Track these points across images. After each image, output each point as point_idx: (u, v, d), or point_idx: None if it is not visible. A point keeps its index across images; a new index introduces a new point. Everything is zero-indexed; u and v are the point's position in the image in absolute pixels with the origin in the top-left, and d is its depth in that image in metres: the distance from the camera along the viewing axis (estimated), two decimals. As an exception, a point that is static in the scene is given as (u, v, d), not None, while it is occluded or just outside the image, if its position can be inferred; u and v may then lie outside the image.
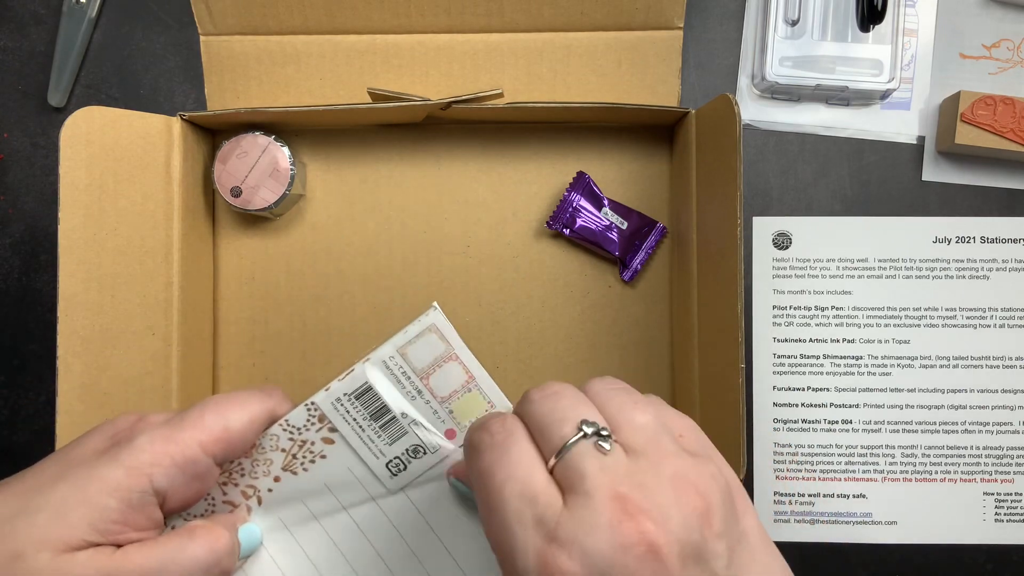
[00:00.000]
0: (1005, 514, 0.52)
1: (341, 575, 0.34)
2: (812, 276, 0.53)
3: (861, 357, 0.52)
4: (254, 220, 0.52)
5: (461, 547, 0.34)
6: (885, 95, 0.52)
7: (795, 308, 0.53)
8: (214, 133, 0.51)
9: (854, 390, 0.52)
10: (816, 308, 0.52)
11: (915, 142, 0.53)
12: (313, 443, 0.33)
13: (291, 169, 0.49)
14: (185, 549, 0.29)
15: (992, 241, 0.52)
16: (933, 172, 0.53)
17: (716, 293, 0.44)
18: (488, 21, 0.50)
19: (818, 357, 0.52)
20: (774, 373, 0.52)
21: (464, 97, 0.46)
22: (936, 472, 0.52)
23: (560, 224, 0.51)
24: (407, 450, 0.34)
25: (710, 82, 0.53)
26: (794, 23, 0.52)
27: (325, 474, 0.34)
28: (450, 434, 0.34)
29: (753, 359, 0.52)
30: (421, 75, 0.51)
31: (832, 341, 0.52)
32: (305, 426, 0.33)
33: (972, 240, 0.52)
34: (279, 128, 0.51)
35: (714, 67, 0.53)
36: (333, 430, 0.33)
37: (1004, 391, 0.52)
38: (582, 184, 0.51)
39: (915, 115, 0.53)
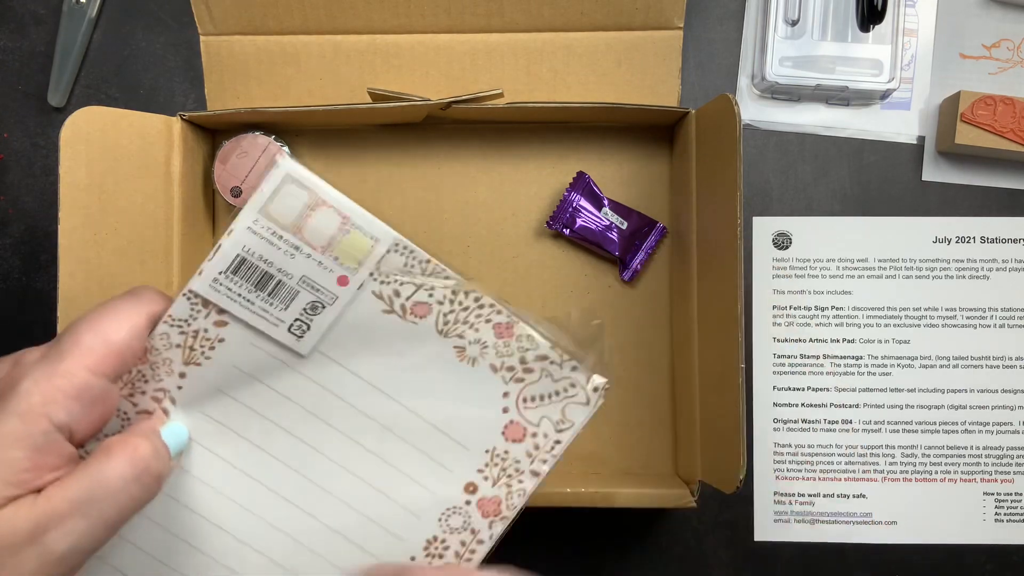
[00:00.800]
0: (1005, 514, 0.52)
1: (286, 447, 0.34)
2: (812, 276, 0.53)
3: (861, 357, 0.52)
4: (254, 220, 0.52)
5: (392, 383, 0.34)
6: (885, 95, 0.52)
7: (795, 308, 0.53)
8: (214, 133, 0.51)
9: (854, 390, 0.52)
10: (816, 308, 0.52)
11: (915, 142, 0.53)
12: (206, 330, 0.32)
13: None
14: (104, 469, 0.28)
15: (992, 241, 0.52)
16: (933, 172, 0.53)
17: (716, 293, 0.44)
18: (488, 21, 0.50)
19: (818, 357, 0.52)
20: (774, 373, 0.52)
21: (464, 97, 0.46)
22: (936, 472, 0.52)
23: (560, 224, 0.51)
24: (304, 309, 0.32)
25: (710, 82, 0.53)
26: (794, 23, 0.52)
27: (231, 357, 0.33)
28: (342, 280, 0.33)
29: (753, 359, 0.52)
30: (421, 75, 0.51)
31: (832, 341, 0.52)
32: (192, 316, 0.32)
33: (972, 240, 0.52)
34: (279, 128, 0.51)
35: (714, 67, 0.53)
36: (221, 311, 0.32)
37: (1004, 391, 0.52)
38: (582, 184, 0.51)
39: (915, 115, 0.53)
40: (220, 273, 0.32)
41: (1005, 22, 0.53)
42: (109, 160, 0.44)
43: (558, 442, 0.34)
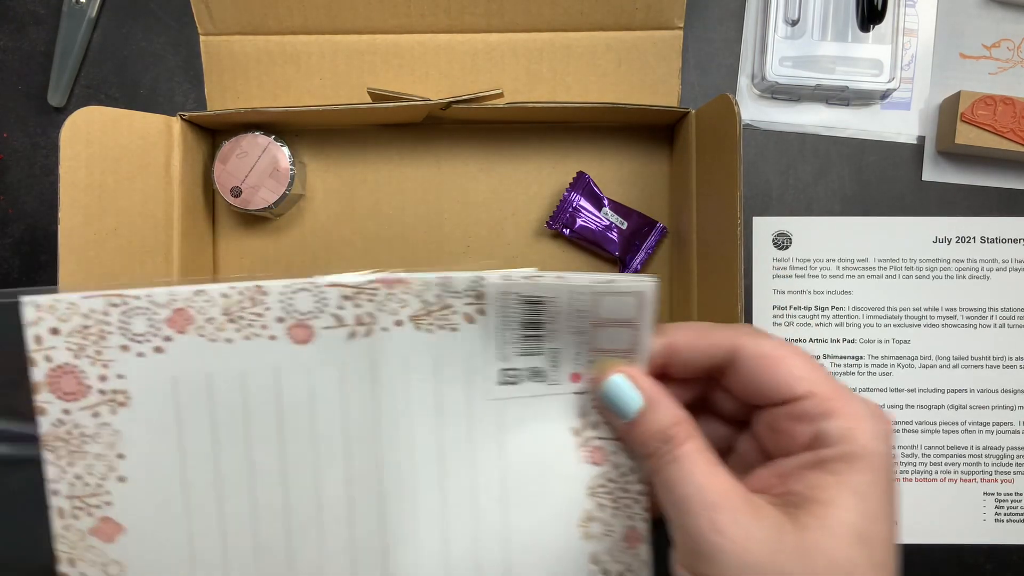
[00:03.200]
0: (1005, 514, 0.52)
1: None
2: (812, 276, 0.53)
3: (861, 357, 0.52)
4: (254, 220, 0.52)
5: (516, 483, 0.32)
6: (885, 95, 0.52)
7: (795, 308, 0.53)
8: (214, 133, 0.51)
9: (854, 390, 0.52)
10: (816, 308, 0.52)
11: (915, 142, 0.53)
12: (455, 311, 0.31)
13: (291, 169, 0.49)
14: None
15: (992, 241, 0.52)
16: (933, 172, 0.53)
17: (716, 293, 0.44)
18: (488, 21, 0.50)
19: (818, 357, 0.52)
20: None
21: (464, 97, 0.46)
22: (936, 472, 0.52)
23: (560, 224, 0.51)
24: (530, 369, 0.32)
25: (710, 82, 0.53)
26: (794, 23, 0.52)
27: (444, 345, 0.31)
28: (575, 377, 0.32)
29: (753, 359, 0.52)
30: (421, 75, 0.51)
31: (832, 341, 0.52)
32: (459, 293, 0.31)
33: (972, 240, 0.52)
34: (279, 128, 0.51)
35: (714, 67, 0.53)
36: (481, 313, 0.31)
37: (1004, 391, 0.52)
38: (582, 184, 0.51)
39: (915, 115, 0.53)
40: (516, 295, 0.31)
41: (1005, 22, 0.53)
42: (109, 160, 0.44)
43: None
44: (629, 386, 0.30)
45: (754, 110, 0.53)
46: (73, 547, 0.30)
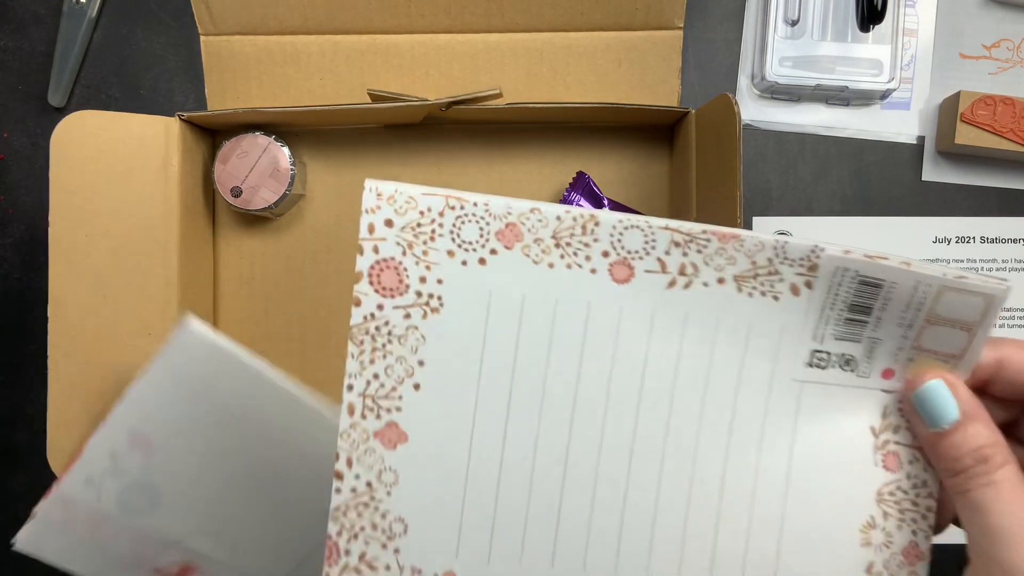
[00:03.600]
0: (1005, 514, 0.52)
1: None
2: (812, 276, 0.53)
3: (861, 357, 0.52)
4: (254, 220, 0.52)
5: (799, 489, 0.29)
6: (885, 95, 0.52)
7: (795, 308, 0.52)
8: (214, 133, 0.51)
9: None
10: (816, 308, 0.52)
11: (915, 142, 0.53)
12: (781, 279, 0.29)
13: (291, 169, 0.49)
14: None
15: (992, 241, 0.52)
16: (933, 172, 0.53)
17: (716, 293, 0.44)
18: (488, 21, 0.50)
19: (818, 357, 0.52)
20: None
21: (464, 97, 0.46)
22: (936, 472, 0.52)
23: (560, 224, 0.51)
24: (842, 355, 0.29)
25: (710, 82, 0.53)
26: (794, 23, 0.52)
27: (762, 313, 0.29)
28: (887, 373, 0.29)
29: (753, 359, 0.52)
30: (421, 75, 0.51)
31: (832, 341, 0.52)
32: (793, 261, 0.29)
33: (972, 240, 0.52)
34: (279, 128, 0.51)
35: (714, 67, 0.53)
36: (809, 286, 0.29)
37: (1004, 391, 0.52)
38: (582, 184, 0.51)
39: (915, 115, 0.53)
40: (854, 272, 0.29)
41: (1005, 22, 0.53)
42: (100, 163, 0.44)
43: None
44: (948, 394, 0.28)
45: (754, 110, 0.53)
46: (354, 447, 0.30)
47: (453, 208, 0.29)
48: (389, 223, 0.29)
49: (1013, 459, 0.27)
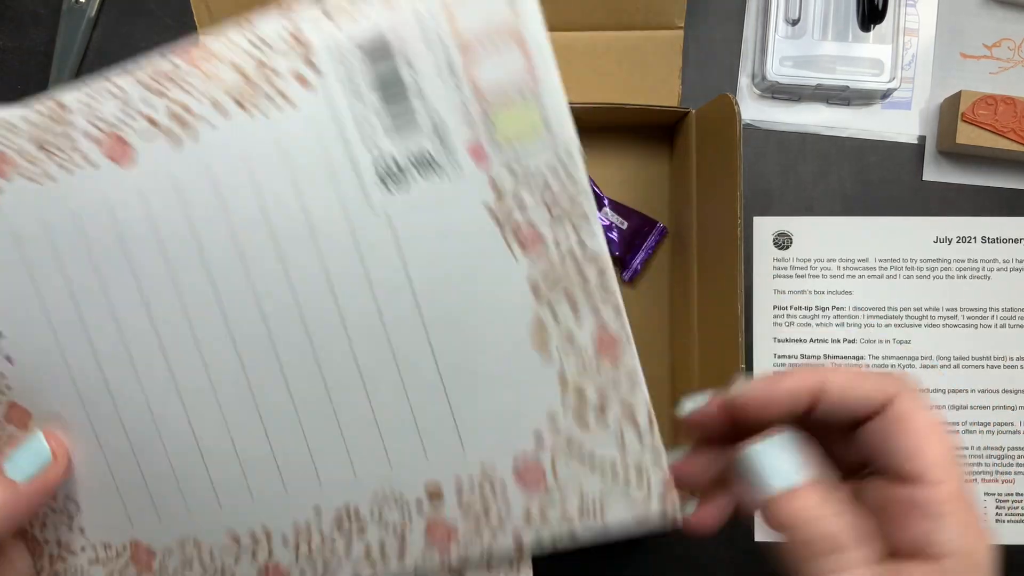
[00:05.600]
0: (1006, 515, 0.52)
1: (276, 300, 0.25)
2: (813, 276, 0.53)
3: (862, 357, 0.52)
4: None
5: (440, 323, 0.24)
6: (886, 95, 0.52)
7: (796, 308, 0.52)
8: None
9: (855, 390, 0.52)
10: (817, 308, 0.52)
11: (916, 142, 0.53)
12: (279, 76, 0.23)
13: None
14: None
15: (993, 241, 0.52)
16: (934, 172, 0.53)
17: (716, 293, 0.44)
18: (488, 21, 0.50)
19: (819, 357, 0.52)
20: (775, 374, 0.52)
21: (463, 97, 0.46)
22: (937, 472, 0.52)
23: (560, 224, 0.51)
24: (412, 156, 0.23)
25: (710, 82, 0.53)
26: (795, 23, 0.52)
27: (283, 129, 0.23)
28: (477, 152, 0.23)
29: (754, 359, 0.52)
30: (421, 75, 0.51)
31: (833, 341, 0.52)
32: (275, 45, 0.23)
33: (973, 240, 0.52)
34: (279, 128, 0.51)
35: (714, 67, 0.53)
36: (316, 69, 0.23)
37: (1005, 391, 0.52)
38: (582, 184, 0.51)
39: (916, 115, 0.53)
40: (351, 42, 0.23)
41: (1006, 22, 0.53)
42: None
43: (571, 531, 0.26)
44: (787, 456, 0.24)
45: (754, 110, 0.53)
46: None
47: None
48: None
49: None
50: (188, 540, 0.28)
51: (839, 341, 0.52)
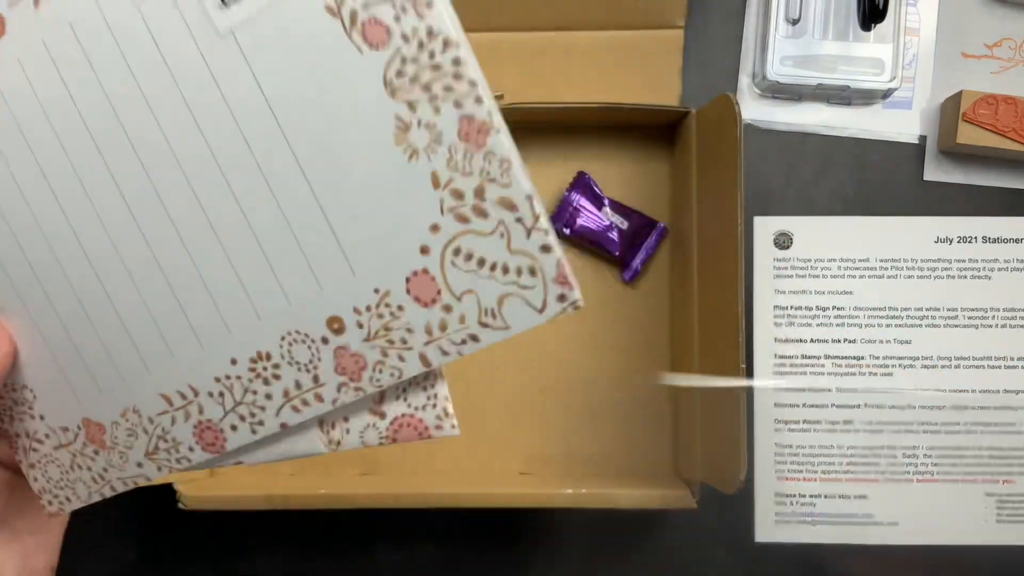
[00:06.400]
0: (1007, 515, 0.52)
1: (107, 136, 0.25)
2: (813, 276, 0.52)
3: (862, 357, 0.52)
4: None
5: (299, 129, 0.23)
6: (886, 94, 0.52)
7: (796, 308, 0.52)
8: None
9: (855, 390, 0.52)
10: (817, 308, 0.52)
11: (916, 141, 0.53)
12: None
13: None
14: None
15: (994, 241, 0.52)
16: (935, 172, 0.53)
17: (716, 293, 0.44)
18: (488, 20, 0.50)
19: (819, 357, 0.52)
20: (775, 373, 0.52)
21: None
22: (938, 473, 0.52)
23: (560, 224, 0.51)
24: None
25: (711, 82, 0.53)
26: (795, 22, 0.51)
27: None
28: None
29: (754, 359, 0.52)
30: (421, 75, 0.51)
31: (833, 341, 0.52)
32: None
33: (974, 240, 0.52)
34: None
35: (715, 66, 0.53)
36: None
37: (1006, 391, 0.52)
38: (582, 184, 0.51)
39: (916, 114, 0.53)
40: None
41: (1007, 21, 0.53)
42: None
43: (473, 338, 0.24)
44: None
45: (755, 110, 0.53)
46: None
47: None
48: None
49: None
50: (128, 409, 0.29)
51: (839, 341, 0.52)
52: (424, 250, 0.23)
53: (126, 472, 0.30)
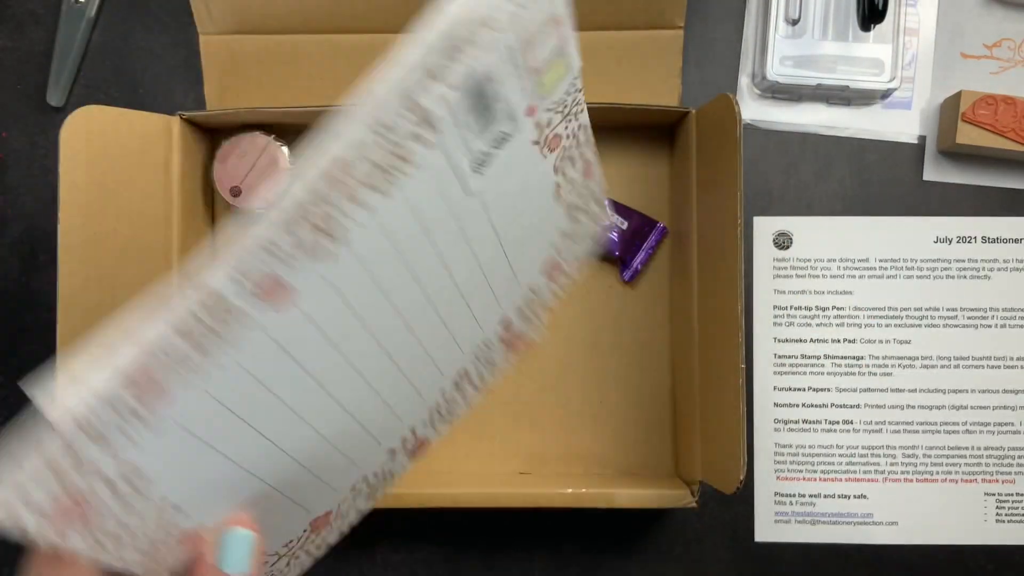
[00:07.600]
0: (1006, 515, 0.52)
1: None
2: (813, 276, 0.52)
3: (862, 357, 0.52)
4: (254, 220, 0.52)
5: (503, 219, 0.29)
6: (886, 94, 0.52)
7: (796, 308, 0.52)
8: (213, 133, 0.51)
9: (855, 390, 0.52)
10: (817, 308, 0.52)
11: (916, 142, 0.53)
12: (399, 144, 0.24)
13: (290, 168, 0.49)
14: None
15: (993, 241, 0.52)
16: (934, 172, 0.53)
17: (716, 293, 0.44)
18: (488, 20, 0.50)
19: (819, 357, 0.52)
20: (775, 373, 0.52)
21: (463, 96, 0.46)
22: (937, 472, 0.52)
23: (560, 224, 0.51)
24: (494, 142, 0.26)
25: (710, 82, 0.53)
26: (795, 22, 0.52)
27: (411, 187, 0.24)
28: (531, 111, 0.27)
29: (754, 359, 0.52)
30: (421, 75, 0.51)
31: (833, 341, 0.52)
32: (395, 119, 0.24)
33: (973, 240, 0.52)
34: (279, 128, 0.51)
35: (715, 67, 0.53)
36: (428, 125, 0.23)
37: (1005, 391, 0.52)
38: (582, 184, 0.51)
39: (916, 115, 0.53)
40: (452, 88, 0.24)
41: (1006, 22, 0.53)
42: (108, 159, 0.44)
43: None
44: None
45: (755, 110, 0.53)
46: None
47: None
48: None
49: None
50: (357, 482, 0.33)
51: (839, 341, 0.52)
52: (553, 246, 0.34)
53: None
